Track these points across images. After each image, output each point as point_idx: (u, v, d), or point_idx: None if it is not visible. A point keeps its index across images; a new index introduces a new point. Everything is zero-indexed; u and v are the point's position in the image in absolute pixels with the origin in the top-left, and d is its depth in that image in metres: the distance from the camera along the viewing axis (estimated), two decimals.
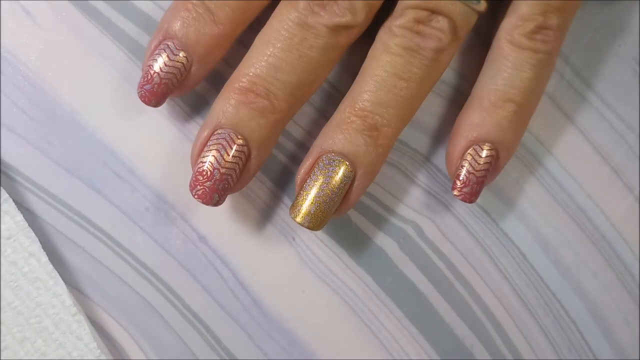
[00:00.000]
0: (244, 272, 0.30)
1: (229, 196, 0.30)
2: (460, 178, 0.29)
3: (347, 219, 0.31)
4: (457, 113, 0.30)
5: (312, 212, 0.27)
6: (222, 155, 0.26)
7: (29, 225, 0.28)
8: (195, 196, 0.26)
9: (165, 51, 0.26)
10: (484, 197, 0.32)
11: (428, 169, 0.32)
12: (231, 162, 0.26)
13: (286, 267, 0.31)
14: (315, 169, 0.27)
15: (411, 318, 0.31)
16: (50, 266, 0.28)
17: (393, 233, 0.31)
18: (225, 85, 0.27)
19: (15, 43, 0.29)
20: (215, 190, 0.26)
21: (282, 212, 0.31)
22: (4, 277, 0.27)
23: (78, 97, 0.29)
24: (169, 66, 0.26)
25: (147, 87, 0.26)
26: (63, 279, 0.28)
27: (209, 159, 0.26)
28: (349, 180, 0.27)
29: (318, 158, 0.27)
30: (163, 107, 0.30)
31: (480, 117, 0.28)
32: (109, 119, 0.29)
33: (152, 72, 0.26)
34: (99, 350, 0.28)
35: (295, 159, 0.31)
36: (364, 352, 0.31)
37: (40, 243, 0.28)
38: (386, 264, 0.31)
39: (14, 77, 0.29)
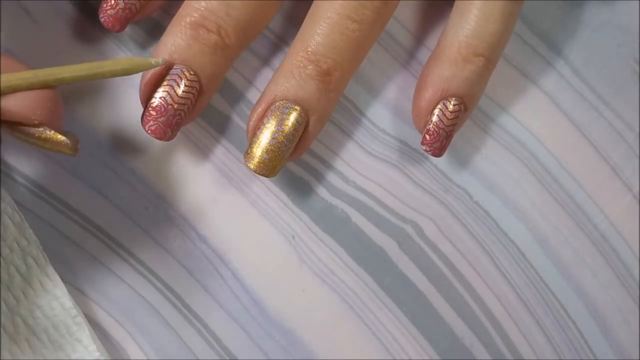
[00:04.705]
0: (244, 272, 0.30)
1: (228, 195, 0.30)
2: (430, 133, 0.29)
3: (347, 218, 0.31)
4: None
5: (266, 159, 0.27)
6: (175, 91, 0.26)
7: (29, 225, 0.28)
8: (149, 131, 0.26)
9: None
10: (484, 196, 0.32)
11: (428, 168, 0.32)
12: (184, 97, 0.26)
13: (286, 266, 0.31)
14: (268, 115, 0.27)
15: (411, 317, 0.31)
16: (50, 267, 0.28)
17: (393, 233, 0.31)
18: (175, 17, 0.27)
19: (15, 43, 0.29)
20: (169, 125, 0.26)
21: (282, 212, 0.31)
22: (2, 278, 0.27)
23: (78, 97, 0.29)
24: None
25: (110, 11, 0.27)
26: (63, 279, 0.28)
27: (163, 94, 0.26)
28: (302, 127, 0.27)
29: (271, 104, 0.27)
30: None
31: (451, 72, 0.28)
32: (108, 118, 0.29)
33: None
34: (98, 353, 0.28)
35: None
36: (363, 352, 0.31)
37: (40, 243, 0.28)
38: (386, 263, 0.31)
39: None
